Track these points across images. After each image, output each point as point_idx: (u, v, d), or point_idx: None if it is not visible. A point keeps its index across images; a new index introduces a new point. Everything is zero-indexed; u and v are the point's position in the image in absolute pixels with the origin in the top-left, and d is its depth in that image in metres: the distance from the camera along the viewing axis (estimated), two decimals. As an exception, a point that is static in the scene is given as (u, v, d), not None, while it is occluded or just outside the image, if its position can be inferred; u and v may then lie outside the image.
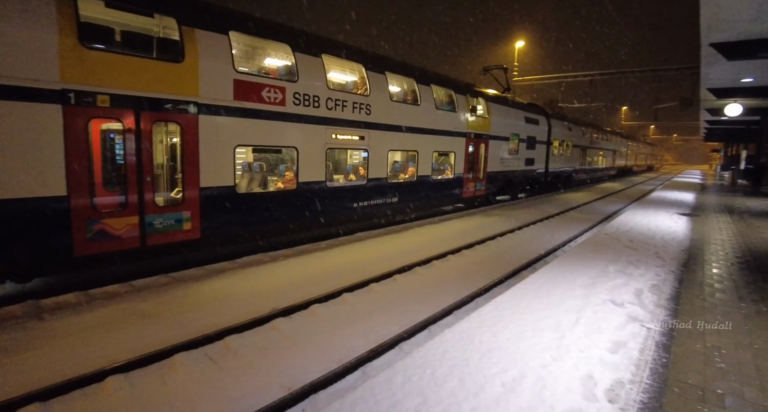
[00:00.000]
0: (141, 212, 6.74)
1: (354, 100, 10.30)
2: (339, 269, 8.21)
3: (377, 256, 9.14)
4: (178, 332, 5.37)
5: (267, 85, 8.36)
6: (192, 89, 7.18)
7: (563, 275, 6.55)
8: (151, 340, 5.13)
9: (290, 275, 7.75)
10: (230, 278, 7.45)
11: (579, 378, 3.65)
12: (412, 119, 12.15)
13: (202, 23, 7.38)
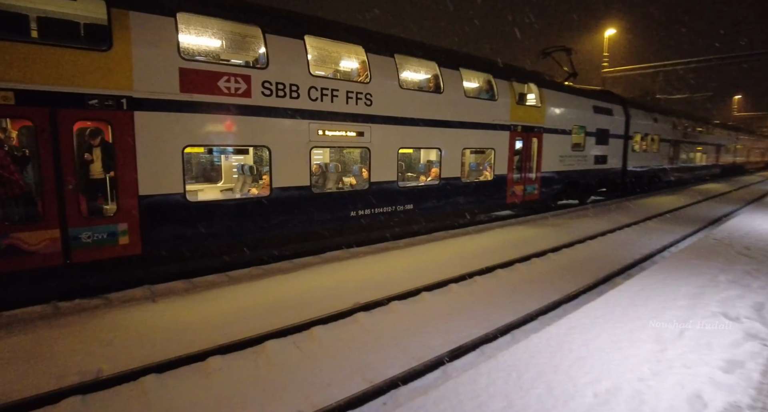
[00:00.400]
0: (63, 224, 5.87)
1: (349, 88, 8.75)
2: (417, 267, 8.24)
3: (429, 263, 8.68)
4: (270, 320, 5.74)
5: (225, 74, 7.12)
6: (124, 82, 6.18)
7: (663, 284, 5.98)
8: (247, 327, 5.53)
9: (370, 272, 7.93)
10: (315, 273, 7.80)
11: (685, 397, 3.32)
12: (431, 111, 10.33)
13: (139, 4, 6.35)
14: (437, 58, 10.54)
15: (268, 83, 7.58)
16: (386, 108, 9.37)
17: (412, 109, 9.92)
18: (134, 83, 6.25)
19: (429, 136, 10.43)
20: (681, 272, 6.50)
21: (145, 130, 6.37)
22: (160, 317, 5.81)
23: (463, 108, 11.01)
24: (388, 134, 9.51)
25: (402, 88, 9.71)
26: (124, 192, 6.32)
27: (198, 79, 6.84)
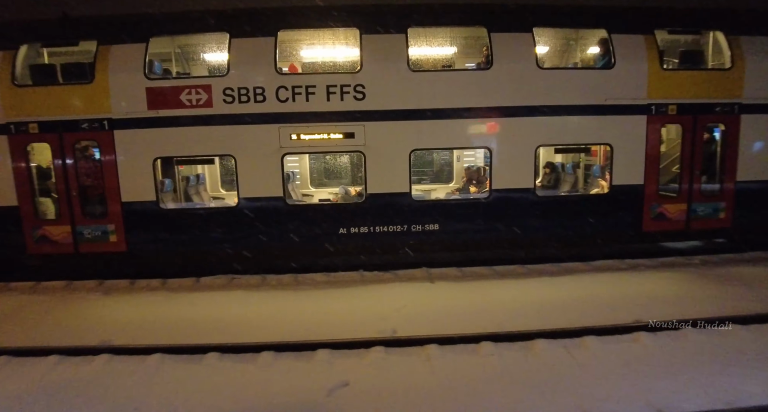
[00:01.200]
0: (72, 222, 7.83)
1: (330, 81, 7.67)
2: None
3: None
4: (538, 320, 5.77)
5: (186, 87, 7.54)
6: (105, 106, 7.54)
7: None
8: (515, 322, 5.73)
9: (655, 287, 6.89)
10: (589, 281, 7.34)
11: None
12: (469, 96, 7.84)
13: (118, 39, 7.49)
14: (485, 22, 7.93)
15: (230, 90, 7.58)
16: (389, 100, 7.80)
17: (438, 98, 7.87)
18: (112, 107, 7.64)
19: (466, 131, 8.10)
20: None
21: (122, 146, 7.73)
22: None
23: (535, 86, 7.90)
24: (394, 133, 7.87)
25: (414, 71, 7.89)
26: (111, 199, 7.84)
27: (162, 96, 7.64)
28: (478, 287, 7.23)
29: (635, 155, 8.05)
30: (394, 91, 7.76)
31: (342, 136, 7.77)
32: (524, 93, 7.84)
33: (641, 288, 6.90)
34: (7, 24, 8.36)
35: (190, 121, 7.66)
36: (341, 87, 7.64)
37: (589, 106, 7.91)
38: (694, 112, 7.98)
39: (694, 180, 8.17)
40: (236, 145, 7.77)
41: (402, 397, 4.24)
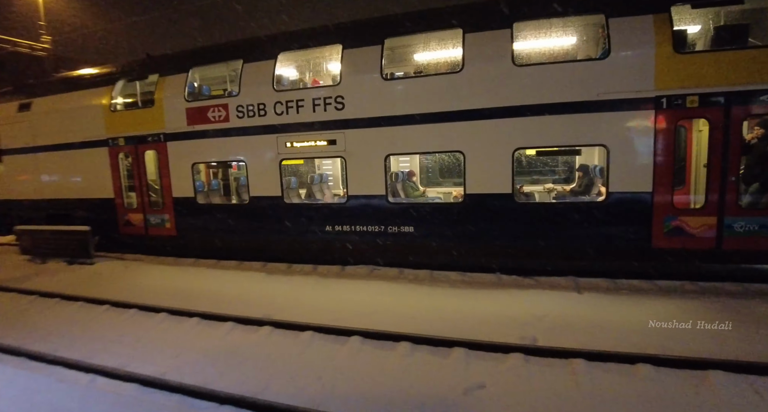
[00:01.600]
0: (144, 212, 10.53)
1: (314, 95, 8.48)
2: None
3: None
4: (716, 347, 4.89)
5: (211, 106, 9.41)
6: (162, 124, 9.92)
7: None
8: (682, 348, 4.95)
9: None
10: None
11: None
12: (441, 100, 7.70)
13: (170, 71, 9.96)
14: (461, 24, 7.65)
15: (241, 107, 9.10)
16: (365, 109, 8.21)
17: (410, 104, 7.90)
18: (165, 124, 9.97)
19: (438, 135, 7.84)
20: None
21: (172, 153, 9.99)
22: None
23: (512, 85, 7.35)
24: (370, 139, 8.23)
25: (386, 80, 8.20)
26: (166, 195, 10.20)
27: (196, 114, 9.60)
28: (633, 301, 6.41)
29: (640, 158, 6.89)
30: (375, 100, 8.26)
31: (326, 142, 8.63)
32: (501, 95, 7.44)
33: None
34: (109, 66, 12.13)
35: (214, 134, 9.53)
36: (325, 99, 8.47)
37: (580, 103, 7.02)
38: (727, 103, 6.43)
39: (728, 188, 6.56)
40: (247, 153, 9.39)
41: (542, 407, 4.00)
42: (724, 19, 7.25)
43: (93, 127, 10.71)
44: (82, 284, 8.60)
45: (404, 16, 8.43)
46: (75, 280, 9.02)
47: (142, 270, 9.49)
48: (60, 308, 7.43)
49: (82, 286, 8.44)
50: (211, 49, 10.63)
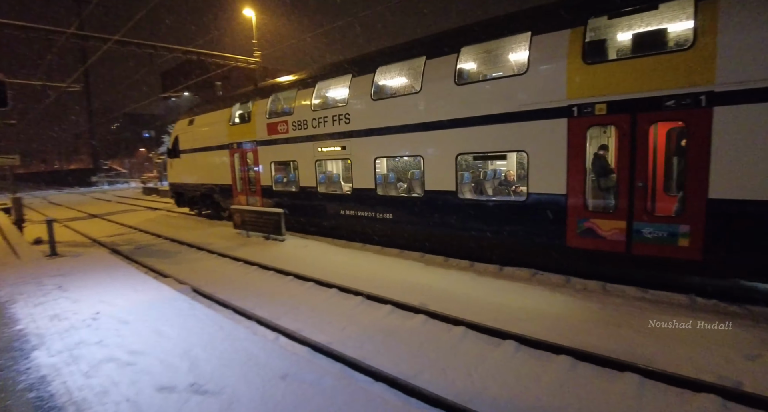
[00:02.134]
0: (246, 194, 14.81)
1: (334, 113, 11.01)
2: None
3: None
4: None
5: (278, 122, 12.93)
6: (255, 135, 13.86)
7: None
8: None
9: None
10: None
11: None
12: (405, 115, 9.35)
13: (259, 97, 14.09)
14: (424, 52, 9.16)
15: (296, 122, 12.22)
16: (360, 123, 10.39)
17: (387, 119, 9.80)
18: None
19: (405, 143, 9.54)
20: None
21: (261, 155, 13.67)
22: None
23: (454, 101, 8.48)
24: (363, 145, 10.43)
25: (374, 100, 10.06)
26: (257, 183, 14.33)
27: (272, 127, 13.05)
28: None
29: (555, 162, 7.19)
30: (365, 115, 10.42)
31: (340, 148, 11.11)
32: (446, 110, 8.60)
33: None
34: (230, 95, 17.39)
35: (281, 141, 12.87)
36: (339, 116, 10.93)
37: (506, 114, 7.73)
38: (632, 110, 6.37)
39: (636, 193, 6.46)
40: (297, 155, 12.43)
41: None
42: (636, 28, 7.29)
43: (221, 135, 15.41)
44: (273, 257, 10.22)
45: (391, 48, 10.66)
46: (269, 252, 10.77)
47: (318, 249, 10.79)
48: (257, 275, 8.98)
49: (274, 258, 10.03)
50: (281, 82, 14.02)
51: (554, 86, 7.08)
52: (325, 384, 3.39)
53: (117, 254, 11.43)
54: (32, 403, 3.25)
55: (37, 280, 6.92)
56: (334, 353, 5.10)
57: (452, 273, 8.17)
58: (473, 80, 8.92)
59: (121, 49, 20.07)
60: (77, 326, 4.76)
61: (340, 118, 10.85)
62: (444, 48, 8.77)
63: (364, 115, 10.32)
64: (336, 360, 5.02)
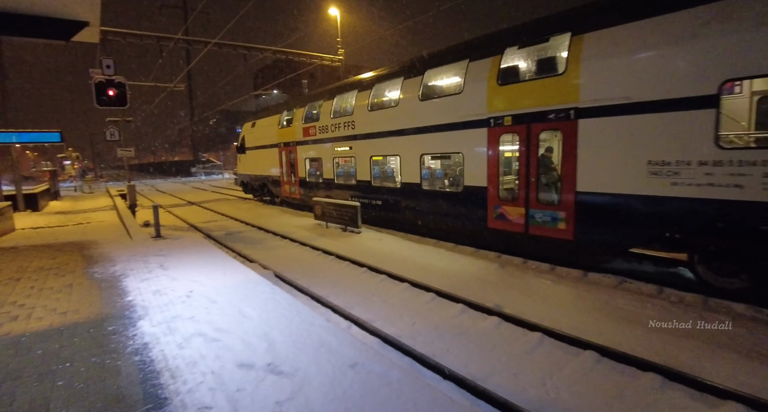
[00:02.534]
0: (289, 184, 18.39)
1: (344, 121, 13.89)
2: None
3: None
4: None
5: (309, 127, 16.19)
6: (293, 137, 17.38)
7: None
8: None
9: None
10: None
11: None
12: (391, 123, 11.85)
13: (297, 106, 17.82)
14: (402, 74, 11.59)
15: (320, 127, 15.50)
16: (361, 128, 13.14)
17: (379, 125, 12.30)
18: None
19: (390, 144, 11.95)
20: None
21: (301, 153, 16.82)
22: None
23: (419, 113, 10.79)
24: (363, 146, 13.17)
25: (370, 111, 12.77)
26: (296, 175, 17.71)
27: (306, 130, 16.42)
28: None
29: (480, 161, 9.16)
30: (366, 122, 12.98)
31: (348, 148, 13.93)
32: (415, 120, 10.92)
33: None
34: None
35: (311, 142, 16.10)
36: (347, 122, 13.74)
37: (450, 124, 9.82)
38: (527, 121, 8.11)
39: (530, 186, 8.23)
40: (323, 154, 15.41)
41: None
42: (533, 57, 8.85)
43: (271, 136, 19.20)
44: (349, 248, 10.52)
45: (379, 74, 13.12)
46: (345, 244, 11.11)
47: (393, 242, 10.90)
48: (334, 264, 9.30)
49: (349, 249, 10.32)
50: (309, 95, 17.99)
51: (479, 102, 9.00)
52: (393, 377, 3.41)
53: (210, 239, 12.51)
54: (137, 365, 3.67)
55: (144, 258, 7.80)
56: (404, 347, 5.13)
57: (529, 276, 7.82)
58: (431, 97, 10.78)
59: (219, 50, 21.80)
60: (174, 302, 5.29)
61: (347, 125, 13.84)
62: (414, 71, 11.12)
63: (361, 122, 13.22)
64: (405, 354, 5.04)
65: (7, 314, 4.97)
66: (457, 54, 10.01)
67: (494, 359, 4.97)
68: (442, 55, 10.66)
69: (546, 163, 8.21)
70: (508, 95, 8.43)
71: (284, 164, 18.38)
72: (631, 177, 6.70)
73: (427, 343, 5.34)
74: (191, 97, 67.79)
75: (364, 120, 12.93)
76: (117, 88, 10.59)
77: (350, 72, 26.44)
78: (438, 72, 10.81)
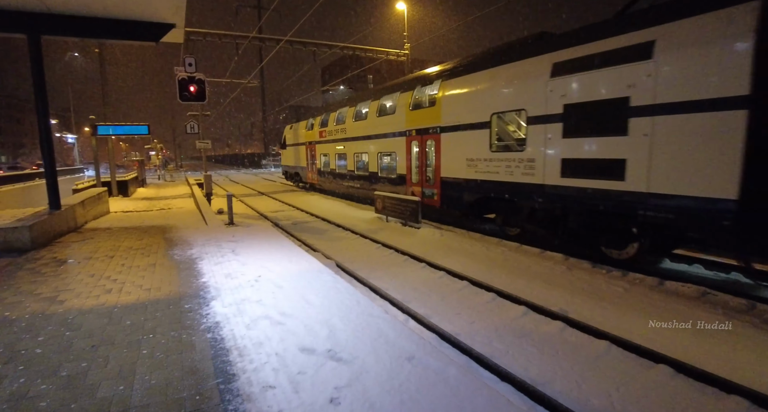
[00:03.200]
0: (313, 173, 24.25)
1: (340, 127, 19.73)
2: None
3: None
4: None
5: (328, 130, 21.46)
6: (344, 134, 19.59)
7: None
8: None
9: None
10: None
11: None
12: (363, 130, 17.35)
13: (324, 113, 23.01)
14: (370, 97, 17.49)
15: (327, 131, 21.42)
16: (354, 133, 18.35)
17: (359, 132, 17.71)
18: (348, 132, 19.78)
19: (364, 145, 17.28)
20: None
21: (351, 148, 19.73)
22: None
23: (376, 125, 16.19)
24: (351, 145, 18.55)
25: (355, 122, 18.14)
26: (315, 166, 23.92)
27: (320, 133, 22.30)
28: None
29: (401, 158, 14.54)
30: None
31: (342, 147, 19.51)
32: (374, 129, 16.38)
33: None
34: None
35: (323, 142, 21.83)
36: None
37: (391, 133, 15.09)
38: (421, 134, 13.27)
39: (423, 174, 13.43)
40: (329, 151, 20.64)
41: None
42: (425, 93, 13.57)
43: (301, 137, 25.15)
44: (409, 243, 10.56)
45: (352, 97, 20.78)
46: (405, 238, 11.16)
47: (453, 239, 10.78)
48: (393, 258, 9.38)
49: (409, 244, 10.35)
50: (324, 107, 23.89)
51: (402, 121, 14.26)
52: (450, 374, 3.39)
53: (278, 228, 13.11)
54: (209, 342, 3.95)
55: (217, 243, 8.34)
56: (461, 345, 5.07)
57: (599, 280, 7.39)
58: (383, 114, 15.85)
59: (290, 48, 22.64)
60: (243, 286, 5.61)
61: (341, 130, 19.32)
62: (371, 97, 17.06)
63: (350, 129, 18.53)
64: (462, 352, 4.98)
65: (103, 287, 5.55)
66: (395, 88, 15.44)
67: (556, 365, 4.77)
68: (390, 87, 16.20)
69: (429, 159, 12.96)
70: (414, 117, 13.61)
71: (308, 158, 24.19)
72: (462, 167, 11.36)
73: (486, 343, 5.23)
74: (263, 93, 71.19)
75: (351, 128, 18.24)
76: (197, 85, 11.39)
77: (416, 66, 26.33)
78: (386, 98, 15.96)
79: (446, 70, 12.51)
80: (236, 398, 3.00)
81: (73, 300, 5.03)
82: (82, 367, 3.45)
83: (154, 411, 2.85)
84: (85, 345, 3.84)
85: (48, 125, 9.09)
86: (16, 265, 6.67)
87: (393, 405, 2.95)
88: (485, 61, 10.70)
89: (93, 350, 3.76)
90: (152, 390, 3.10)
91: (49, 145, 9.17)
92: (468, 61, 11.78)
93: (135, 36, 9.52)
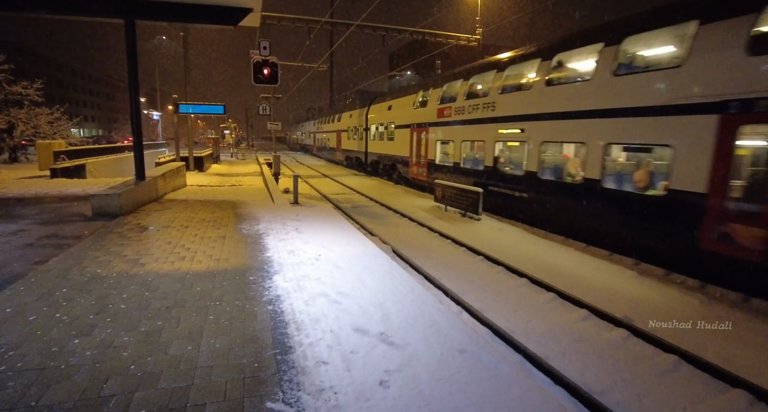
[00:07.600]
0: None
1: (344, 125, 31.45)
2: None
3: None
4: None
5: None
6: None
7: None
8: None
9: None
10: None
11: None
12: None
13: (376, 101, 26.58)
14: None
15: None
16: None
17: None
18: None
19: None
20: None
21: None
22: None
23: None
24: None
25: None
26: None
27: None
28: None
29: (407, 143, 18.98)
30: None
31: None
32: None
33: None
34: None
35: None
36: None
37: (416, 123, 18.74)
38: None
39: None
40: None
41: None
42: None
43: (333, 128, 35.80)
44: (467, 234, 10.39)
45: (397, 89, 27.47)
46: (463, 229, 10.99)
47: (514, 234, 10.46)
48: (450, 248, 9.29)
49: (467, 236, 10.19)
50: (398, 90, 25.71)
51: (412, 114, 19.04)
52: (502, 370, 3.32)
53: (339, 210, 13.44)
54: (270, 314, 4.16)
55: (282, 221, 8.72)
56: (516, 343, 4.95)
57: (673, 291, 6.85)
58: (375, 126, 22.95)
59: (360, 32, 22.76)
60: (304, 263, 5.83)
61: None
62: (358, 105, 27.21)
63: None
64: (516, 350, 4.86)
65: (177, 255, 6.02)
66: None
67: (616, 375, 4.52)
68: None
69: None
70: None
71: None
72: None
73: (542, 343, 5.07)
74: (332, 76, 72.47)
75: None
76: (271, 68, 11.81)
77: (488, 52, 25.47)
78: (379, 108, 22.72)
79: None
80: (291, 369, 3.15)
81: (152, 264, 5.51)
82: (157, 325, 3.78)
83: (217, 373, 3.07)
84: (160, 306, 4.20)
85: (138, 103, 9.91)
86: (108, 228, 7.40)
87: (442, 395, 2.95)
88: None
89: (167, 311, 4.10)
90: (216, 353, 3.34)
91: (137, 121, 10.00)
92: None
93: (216, 20, 10.06)
